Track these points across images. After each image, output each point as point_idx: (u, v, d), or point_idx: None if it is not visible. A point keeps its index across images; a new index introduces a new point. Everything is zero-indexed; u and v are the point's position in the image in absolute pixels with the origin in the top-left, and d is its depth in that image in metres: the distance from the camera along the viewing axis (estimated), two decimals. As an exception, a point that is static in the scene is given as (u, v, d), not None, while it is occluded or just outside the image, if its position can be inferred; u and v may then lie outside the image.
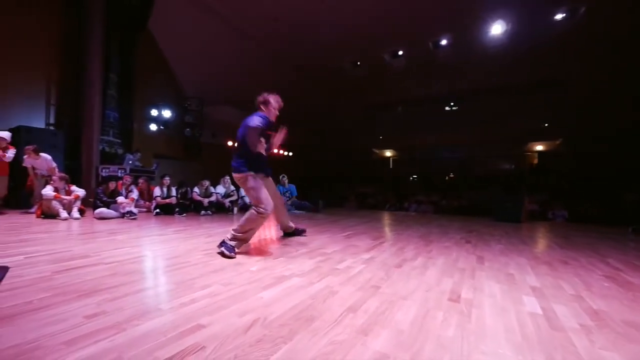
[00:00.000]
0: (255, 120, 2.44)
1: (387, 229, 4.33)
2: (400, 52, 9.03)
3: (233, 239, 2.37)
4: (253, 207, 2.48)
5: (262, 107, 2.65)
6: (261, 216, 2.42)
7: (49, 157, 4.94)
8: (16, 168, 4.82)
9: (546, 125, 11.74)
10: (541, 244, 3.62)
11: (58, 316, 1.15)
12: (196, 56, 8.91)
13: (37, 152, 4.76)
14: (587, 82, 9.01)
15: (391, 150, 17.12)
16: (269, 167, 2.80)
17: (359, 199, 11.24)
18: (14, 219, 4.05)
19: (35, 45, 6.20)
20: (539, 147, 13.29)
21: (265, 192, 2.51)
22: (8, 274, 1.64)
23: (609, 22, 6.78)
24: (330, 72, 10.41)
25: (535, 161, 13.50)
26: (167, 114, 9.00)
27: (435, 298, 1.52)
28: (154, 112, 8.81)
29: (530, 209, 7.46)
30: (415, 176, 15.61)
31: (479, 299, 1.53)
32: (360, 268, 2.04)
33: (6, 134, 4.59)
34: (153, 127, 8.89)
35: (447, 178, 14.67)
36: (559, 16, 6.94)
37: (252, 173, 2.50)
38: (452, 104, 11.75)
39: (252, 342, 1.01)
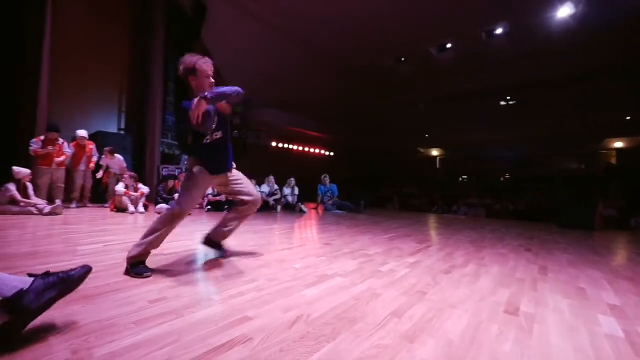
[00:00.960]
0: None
1: (433, 233, 4.12)
2: (449, 45, 8.51)
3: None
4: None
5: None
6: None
7: (121, 157, 5.63)
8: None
9: (628, 118, 10.12)
10: (620, 255, 3.14)
11: (128, 299, 1.30)
12: (242, 61, 9.39)
13: (112, 153, 5.46)
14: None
15: (438, 148, 16.23)
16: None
17: (403, 200, 10.86)
18: (93, 212, 4.68)
19: (109, 61, 7.10)
20: (618, 144, 11.51)
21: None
22: (91, 259, 1.90)
23: None
24: (374, 70, 10.22)
25: (613, 160, 11.72)
26: (217, 117, 9.66)
27: (489, 309, 1.40)
28: (207, 116, 9.51)
29: (606, 214, 6.50)
30: (465, 176, 14.61)
31: (541, 314, 1.37)
32: (404, 272, 1.96)
33: (83, 132, 5.30)
34: (205, 129, 9.60)
35: (502, 179, 13.47)
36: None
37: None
38: (508, 97, 10.75)
39: (296, 338, 1.04)
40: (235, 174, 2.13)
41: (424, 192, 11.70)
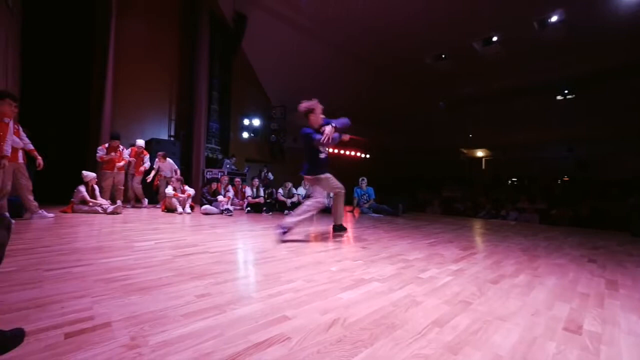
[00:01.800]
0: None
1: (479, 239, 3.85)
2: (495, 38, 7.95)
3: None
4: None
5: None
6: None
7: (172, 161, 6.12)
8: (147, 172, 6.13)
9: None
10: None
11: (177, 293, 1.41)
12: (280, 67, 9.70)
13: (164, 157, 5.96)
14: None
15: (483, 149, 15.19)
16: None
17: (444, 204, 10.31)
18: (146, 212, 5.14)
19: (161, 73, 7.80)
20: None
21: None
22: (146, 254, 2.09)
23: None
24: (412, 69, 9.91)
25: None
26: (256, 122, 10.09)
27: (545, 324, 1.27)
28: (246, 122, 9.98)
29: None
30: (515, 179, 13.47)
31: (611, 334, 1.21)
32: (446, 280, 1.86)
33: (142, 142, 5.88)
34: (245, 134, 10.07)
35: (559, 182, 12.18)
36: None
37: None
38: (566, 91, 9.71)
39: (332, 341, 1.03)
40: (330, 176, 3.26)
41: (468, 195, 11.00)
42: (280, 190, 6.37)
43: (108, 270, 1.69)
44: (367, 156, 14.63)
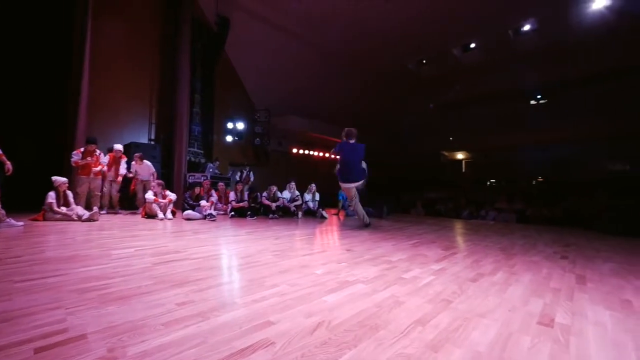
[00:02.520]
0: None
1: (460, 239, 3.97)
2: (473, 45, 8.28)
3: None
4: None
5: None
6: None
7: (149, 163, 5.93)
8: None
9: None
10: (673, 265, 2.85)
11: (158, 301, 1.37)
12: (263, 70, 9.68)
13: (141, 159, 5.77)
14: None
15: (463, 152, 15.69)
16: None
17: (427, 206, 10.55)
18: (126, 218, 4.97)
19: (141, 76, 7.59)
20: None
21: None
22: (125, 262, 2.02)
23: None
24: (395, 74, 10.13)
25: (662, 160, 10.71)
26: (240, 126, 9.98)
27: (520, 319, 1.33)
28: (230, 125, 9.85)
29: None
30: (493, 180, 13.97)
31: (579, 326, 1.28)
32: (429, 279, 1.91)
33: (120, 146, 5.68)
34: (229, 138, 9.93)
35: (534, 182, 12.74)
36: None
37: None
38: (539, 97, 10.22)
39: (317, 344, 1.04)
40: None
41: (450, 197, 11.31)
42: (265, 194, 6.32)
43: (83, 280, 1.62)
44: (352, 159, 14.76)
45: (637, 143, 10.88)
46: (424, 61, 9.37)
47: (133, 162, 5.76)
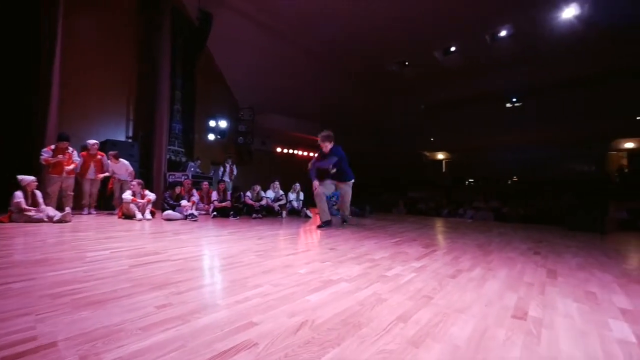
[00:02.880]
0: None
1: (440, 237, 4.08)
2: (453, 48, 8.53)
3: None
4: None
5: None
6: None
7: (126, 162, 5.71)
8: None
9: (638, 118, 9.95)
10: (634, 259, 3.07)
11: (135, 304, 1.32)
12: (248, 69, 9.55)
13: (117, 157, 5.53)
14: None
15: (444, 152, 16.14)
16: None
17: (409, 205, 10.78)
18: (102, 219, 4.76)
19: (117, 70, 7.28)
20: (629, 145, 11.30)
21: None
22: (100, 265, 1.93)
23: None
24: (378, 75, 10.27)
25: (624, 161, 11.49)
26: (223, 124, 9.80)
27: (496, 314, 1.38)
28: (212, 123, 9.65)
29: (618, 217, 6.37)
30: (471, 180, 14.46)
31: (550, 319, 1.35)
32: (410, 277, 1.95)
33: (93, 142, 5.44)
34: (211, 136, 9.73)
35: (509, 182, 13.29)
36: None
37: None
38: (514, 100, 10.68)
39: (300, 344, 1.04)
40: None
41: (431, 196, 11.61)
42: (249, 194, 6.24)
43: (54, 285, 1.54)
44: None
45: (601, 146, 11.62)
46: (407, 63, 9.55)
47: (108, 161, 5.54)
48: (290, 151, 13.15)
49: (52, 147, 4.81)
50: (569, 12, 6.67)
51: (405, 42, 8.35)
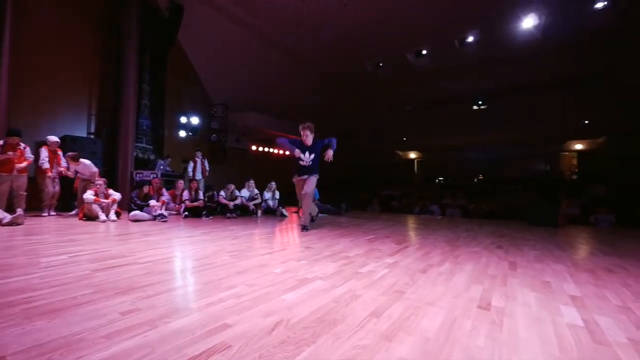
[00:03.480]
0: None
1: (411, 233, 4.23)
2: (424, 52, 8.83)
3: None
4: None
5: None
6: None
7: (88, 162, 5.30)
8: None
9: (587, 122, 10.93)
10: (582, 250, 3.37)
11: (98, 311, 1.24)
12: (221, 65, 9.26)
13: (75, 159, 4.94)
14: (634, 74, 8.30)
15: (416, 152, 16.72)
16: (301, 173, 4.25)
17: (383, 203, 11.05)
18: (61, 221, 4.41)
19: (77, 61, 6.75)
20: (579, 146, 12.39)
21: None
22: (57, 271, 1.79)
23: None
24: (353, 75, 10.39)
25: (574, 161, 12.58)
26: (195, 120, 9.44)
27: (463, 305, 1.46)
28: (183, 120, 9.26)
29: (569, 212, 6.96)
30: (441, 178, 15.11)
31: (511, 308, 1.45)
32: (383, 272, 2.00)
33: (54, 138, 5.03)
34: (182, 133, 9.34)
35: (475, 180, 14.06)
36: (599, 4, 6.47)
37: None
38: (480, 102, 11.29)
39: (275, 344, 1.03)
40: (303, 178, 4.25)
41: (403, 194, 11.99)
42: (222, 193, 6.07)
43: (4, 294, 1.41)
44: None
45: (555, 147, 12.63)
46: (381, 64, 9.76)
47: (65, 160, 5.14)
48: (266, 149, 12.97)
49: (1, 142, 4.37)
50: (528, 22, 7.15)
51: (379, 43, 8.52)
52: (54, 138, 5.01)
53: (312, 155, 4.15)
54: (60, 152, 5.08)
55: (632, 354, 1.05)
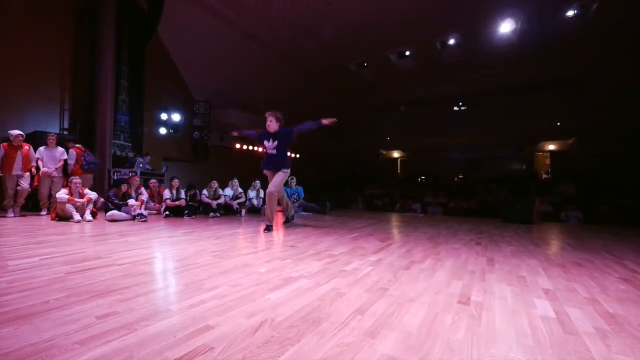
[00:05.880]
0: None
1: (395, 231, 4.30)
2: (407, 53, 8.98)
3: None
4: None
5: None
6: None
7: (62, 150, 5.09)
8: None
9: (558, 123, 11.50)
10: (554, 245, 3.54)
11: (72, 316, 1.18)
12: (204, 60, 9.04)
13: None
14: (602, 80, 8.81)
15: (399, 151, 17.00)
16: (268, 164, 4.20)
17: (367, 201, 11.19)
18: (30, 222, 4.17)
19: (49, 53, 6.40)
20: (551, 147, 13.02)
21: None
22: (27, 274, 1.69)
23: (623, 17, 6.62)
24: (338, 74, 10.42)
25: (547, 161, 13.22)
26: (176, 117, 9.17)
27: (444, 301, 1.50)
28: (164, 116, 8.98)
29: (542, 210, 7.30)
30: (423, 177, 15.46)
31: (489, 302, 1.51)
32: (367, 270, 2.03)
33: (17, 132, 4.73)
34: (163, 130, 9.05)
35: (456, 179, 14.49)
36: (570, 12, 6.81)
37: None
38: (460, 104, 11.62)
39: (259, 344, 1.02)
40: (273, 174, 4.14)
41: (386, 192, 12.18)
42: (205, 192, 5.94)
43: (-35, 300, 1.32)
44: (297, 156, 14.81)
45: (530, 148, 13.21)
46: (365, 64, 9.84)
47: (41, 148, 4.89)
48: (250, 147, 12.79)
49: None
50: (506, 27, 7.43)
51: (363, 43, 8.59)
52: (16, 132, 4.71)
53: (276, 143, 3.99)
54: (28, 147, 4.79)
55: (598, 343, 1.12)
